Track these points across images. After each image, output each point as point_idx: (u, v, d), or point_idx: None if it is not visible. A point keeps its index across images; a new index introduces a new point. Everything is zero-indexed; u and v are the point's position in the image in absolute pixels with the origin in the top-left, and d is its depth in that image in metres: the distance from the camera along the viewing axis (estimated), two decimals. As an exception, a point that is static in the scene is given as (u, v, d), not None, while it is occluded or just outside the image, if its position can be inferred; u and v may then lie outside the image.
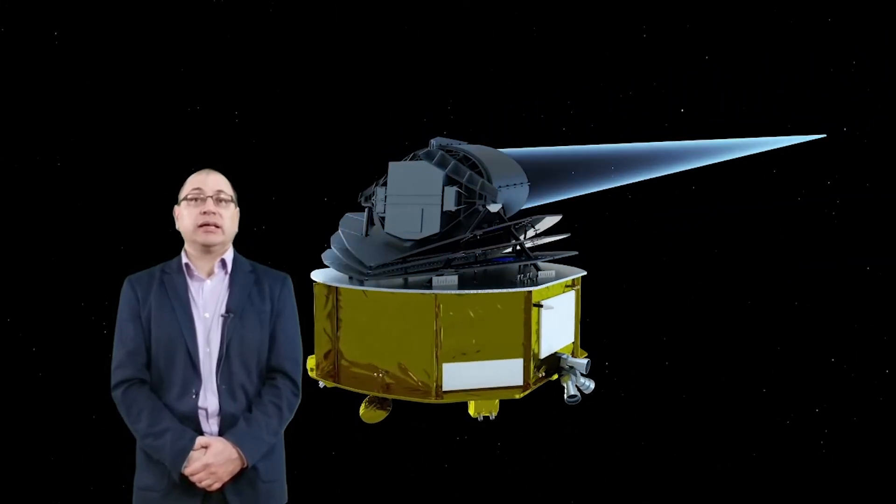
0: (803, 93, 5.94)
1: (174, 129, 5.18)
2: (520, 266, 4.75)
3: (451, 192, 4.41)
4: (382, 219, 4.63)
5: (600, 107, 6.05)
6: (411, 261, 4.55)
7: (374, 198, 4.66)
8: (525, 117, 6.06)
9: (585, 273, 5.02)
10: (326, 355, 4.71)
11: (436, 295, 4.27)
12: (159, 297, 2.37)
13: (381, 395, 4.42)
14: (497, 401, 4.35)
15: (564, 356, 4.74)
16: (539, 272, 4.79)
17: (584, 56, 5.97)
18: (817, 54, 5.78)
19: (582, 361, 4.67)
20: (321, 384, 4.69)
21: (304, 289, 4.76)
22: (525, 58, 5.95)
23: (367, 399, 4.51)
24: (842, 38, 5.72)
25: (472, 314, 4.30)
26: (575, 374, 4.63)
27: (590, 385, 4.64)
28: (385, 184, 4.62)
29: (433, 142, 4.77)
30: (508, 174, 4.85)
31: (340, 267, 4.60)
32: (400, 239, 4.58)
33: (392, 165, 4.59)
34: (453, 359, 4.27)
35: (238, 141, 5.44)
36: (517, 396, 4.37)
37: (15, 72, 4.78)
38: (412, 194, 4.50)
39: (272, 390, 2.42)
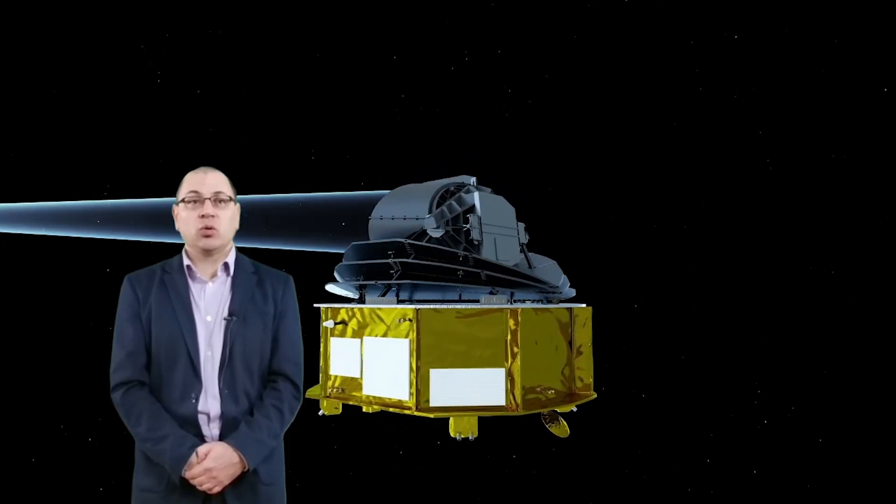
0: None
1: (175, 129, 5.16)
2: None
3: (521, 227, 5.23)
4: (476, 245, 4.91)
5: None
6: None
7: (468, 224, 4.94)
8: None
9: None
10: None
11: (581, 308, 5.05)
12: (160, 297, 2.34)
13: (553, 410, 4.75)
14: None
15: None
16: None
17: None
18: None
19: None
20: (470, 437, 4.36)
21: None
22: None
23: (547, 419, 4.79)
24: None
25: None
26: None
27: None
28: (471, 211, 4.96)
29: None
30: None
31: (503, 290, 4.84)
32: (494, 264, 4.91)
33: (481, 196, 5.03)
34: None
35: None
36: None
37: (14, 71, 4.74)
38: (497, 225, 5.07)
39: (273, 393, 2.40)
